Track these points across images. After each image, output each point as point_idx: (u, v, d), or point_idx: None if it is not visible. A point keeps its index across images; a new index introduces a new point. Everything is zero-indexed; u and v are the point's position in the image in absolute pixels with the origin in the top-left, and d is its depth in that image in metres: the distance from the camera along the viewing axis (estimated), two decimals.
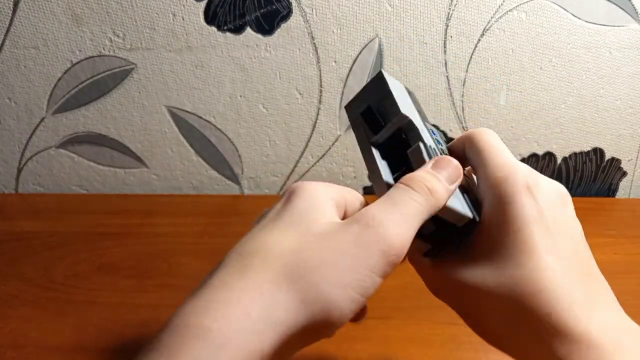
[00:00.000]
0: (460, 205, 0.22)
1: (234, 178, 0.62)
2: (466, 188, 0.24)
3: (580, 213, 0.63)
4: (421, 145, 0.22)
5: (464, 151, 0.24)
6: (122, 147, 0.61)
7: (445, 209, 0.21)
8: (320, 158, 0.61)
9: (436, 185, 0.20)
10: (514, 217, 0.20)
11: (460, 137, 0.25)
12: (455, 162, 0.21)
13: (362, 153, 0.25)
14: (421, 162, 0.22)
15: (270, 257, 0.18)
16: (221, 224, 0.55)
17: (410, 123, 0.23)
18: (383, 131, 0.24)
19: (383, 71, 0.25)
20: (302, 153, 0.60)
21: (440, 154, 0.23)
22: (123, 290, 0.44)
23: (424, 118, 0.26)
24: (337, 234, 0.18)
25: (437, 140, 0.25)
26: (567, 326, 0.18)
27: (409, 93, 0.27)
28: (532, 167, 0.23)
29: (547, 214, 0.20)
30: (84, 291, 0.44)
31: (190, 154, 0.61)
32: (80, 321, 0.40)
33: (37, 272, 0.46)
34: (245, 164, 0.62)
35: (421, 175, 0.20)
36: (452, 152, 0.25)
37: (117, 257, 0.48)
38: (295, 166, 0.61)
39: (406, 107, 0.24)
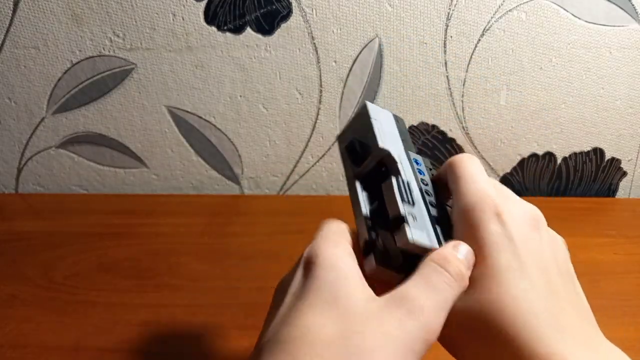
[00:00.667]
0: (428, 240, 0.22)
1: (234, 178, 0.63)
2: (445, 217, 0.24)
3: (580, 213, 0.63)
4: (393, 180, 0.23)
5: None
6: (122, 147, 0.61)
7: (415, 246, 0.21)
8: (320, 158, 0.61)
9: (465, 272, 0.20)
10: (482, 245, 0.21)
11: (443, 165, 0.25)
12: (471, 250, 0.21)
13: (348, 186, 0.26)
14: (392, 197, 0.22)
15: (318, 345, 0.17)
16: (221, 223, 0.55)
17: (388, 156, 0.24)
18: (364, 164, 0.25)
19: (367, 103, 0.26)
20: (302, 153, 0.61)
21: (420, 184, 0.24)
22: (123, 290, 0.44)
23: (408, 147, 0.27)
24: (381, 317, 0.18)
25: (420, 171, 0.25)
26: (530, 348, 0.18)
27: (397, 120, 0.28)
28: (532, 167, 0.23)
29: (516, 238, 0.21)
30: (84, 291, 0.44)
31: (190, 154, 0.61)
32: (80, 321, 0.40)
33: (37, 272, 0.46)
34: (245, 164, 0.62)
35: (455, 258, 0.20)
36: (438, 180, 0.26)
37: (117, 257, 0.48)
38: (295, 166, 0.61)
39: (387, 138, 0.25)
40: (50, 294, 0.43)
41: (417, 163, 0.26)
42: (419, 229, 0.21)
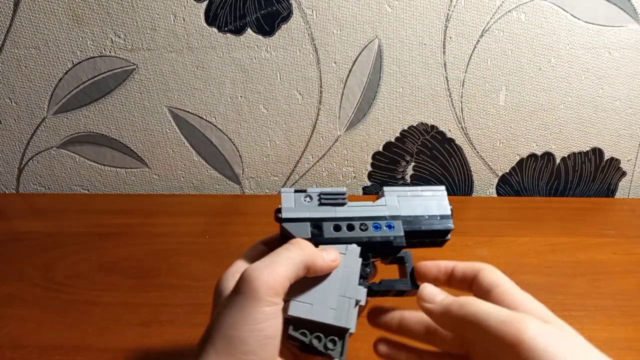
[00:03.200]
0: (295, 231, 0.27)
1: (235, 178, 0.63)
2: None
3: (579, 213, 0.62)
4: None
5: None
6: (123, 147, 0.61)
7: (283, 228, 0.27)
8: (320, 158, 0.61)
9: (306, 247, 0.26)
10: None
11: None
12: (335, 253, 0.27)
13: None
14: None
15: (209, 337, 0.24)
16: (222, 223, 0.55)
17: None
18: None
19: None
20: (302, 153, 0.61)
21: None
22: (123, 290, 0.44)
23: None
24: (228, 297, 0.24)
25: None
26: None
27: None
28: (531, 167, 0.23)
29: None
30: (84, 291, 0.44)
31: (191, 154, 0.61)
32: (80, 321, 0.40)
33: (37, 272, 0.46)
34: (245, 164, 0.62)
35: (301, 241, 0.27)
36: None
37: (117, 257, 0.48)
38: (295, 166, 0.62)
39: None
40: (50, 294, 0.43)
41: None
42: (297, 223, 0.28)
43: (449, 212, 0.30)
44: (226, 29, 0.54)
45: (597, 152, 0.60)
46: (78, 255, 0.48)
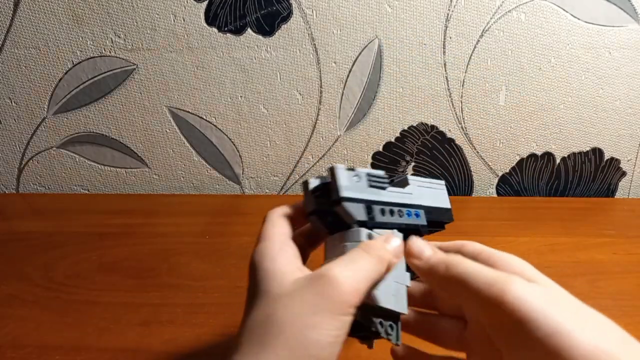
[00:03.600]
0: (356, 211, 0.26)
1: (235, 178, 0.63)
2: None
3: (579, 213, 0.62)
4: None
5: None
6: (123, 147, 0.61)
7: (344, 210, 0.26)
8: (320, 158, 0.61)
9: (385, 255, 0.25)
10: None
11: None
12: (401, 246, 0.26)
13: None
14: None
15: (253, 337, 0.23)
16: (222, 223, 0.55)
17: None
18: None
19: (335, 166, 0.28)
20: (302, 153, 0.61)
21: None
22: (123, 290, 0.44)
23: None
24: (303, 290, 0.23)
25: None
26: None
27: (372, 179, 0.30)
28: (531, 167, 0.23)
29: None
30: (84, 291, 0.44)
31: (191, 154, 0.61)
32: (80, 321, 0.40)
33: (37, 272, 0.46)
34: (245, 164, 0.62)
35: (379, 246, 0.25)
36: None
37: (117, 257, 0.48)
38: (295, 166, 0.62)
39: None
40: (50, 294, 0.43)
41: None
42: (354, 204, 0.26)
43: (450, 205, 0.32)
44: (226, 29, 0.54)
45: (597, 152, 0.60)
46: (78, 255, 0.48)
